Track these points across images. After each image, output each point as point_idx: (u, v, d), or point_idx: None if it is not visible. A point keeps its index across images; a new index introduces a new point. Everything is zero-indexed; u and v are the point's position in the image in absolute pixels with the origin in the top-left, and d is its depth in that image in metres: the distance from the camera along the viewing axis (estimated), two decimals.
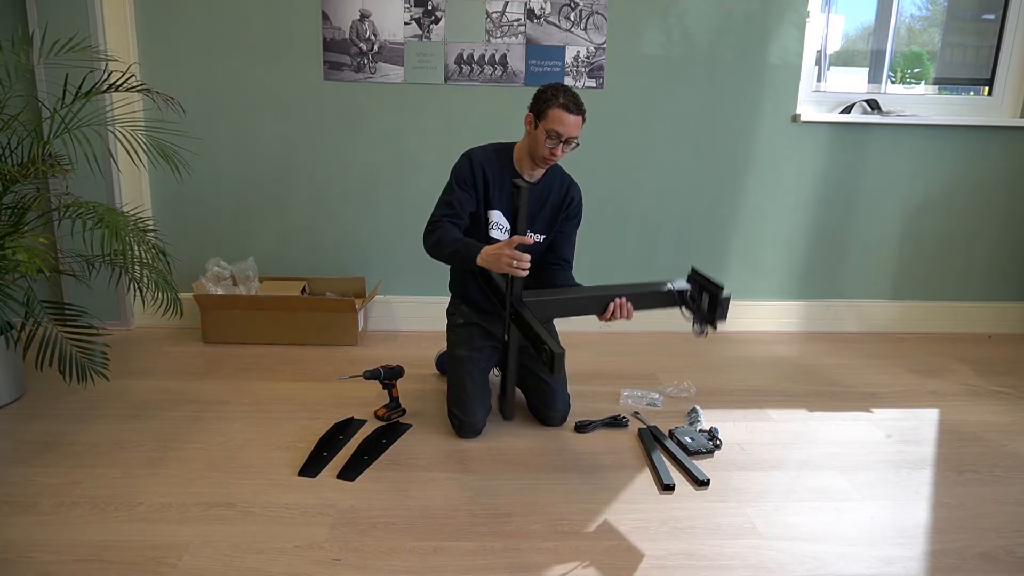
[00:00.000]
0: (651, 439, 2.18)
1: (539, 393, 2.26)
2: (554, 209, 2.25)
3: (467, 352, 2.26)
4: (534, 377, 2.26)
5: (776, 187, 3.19)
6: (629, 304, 1.96)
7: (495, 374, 2.54)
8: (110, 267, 2.49)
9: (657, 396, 2.47)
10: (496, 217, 2.21)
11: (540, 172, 2.20)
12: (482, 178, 2.17)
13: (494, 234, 2.21)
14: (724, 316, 1.95)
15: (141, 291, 2.44)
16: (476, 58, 2.97)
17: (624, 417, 2.31)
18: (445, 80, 2.99)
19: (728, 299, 1.94)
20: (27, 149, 2.28)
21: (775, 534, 1.73)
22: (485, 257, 1.93)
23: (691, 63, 3.03)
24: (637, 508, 1.83)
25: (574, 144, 2.08)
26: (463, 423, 2.16)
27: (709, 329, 2.00)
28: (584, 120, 2.07)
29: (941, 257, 3.33)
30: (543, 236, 2.26)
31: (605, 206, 3.17)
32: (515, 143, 2.22)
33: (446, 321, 2.41)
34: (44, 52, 2.49)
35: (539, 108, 2.06)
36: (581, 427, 2.25)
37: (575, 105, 2.03)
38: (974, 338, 3.31)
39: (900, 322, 3.38)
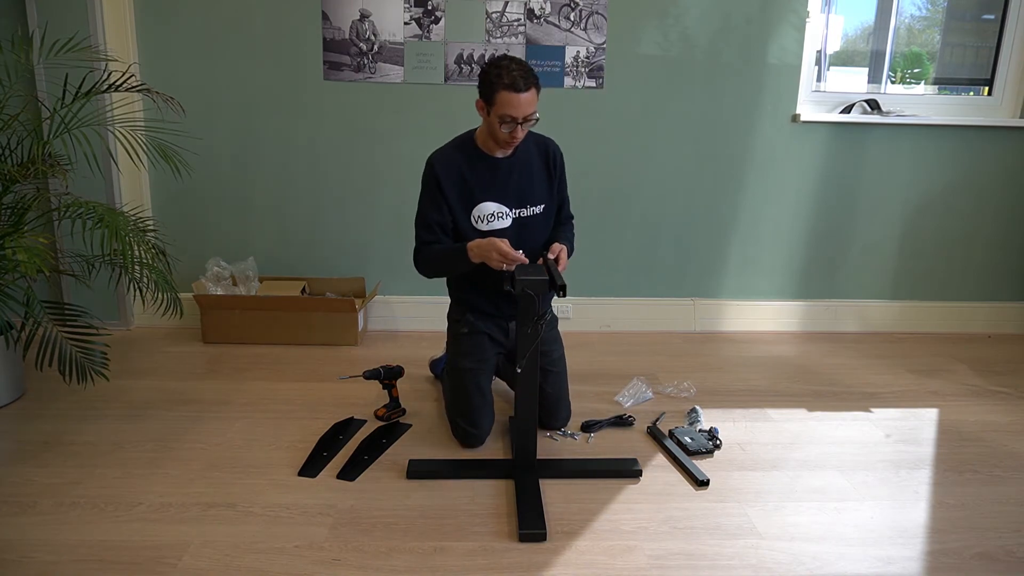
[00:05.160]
0: (662, 434, 2.21)
1: (542, 402, 2.18)
2: (543, 172, 2.14)
3: (473, 364, 2.17)
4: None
5: (776, 187, 3.19)
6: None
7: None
8: (110, 267, 2.49)
9: (645, 388, 2.50)
10: (491, 208, 2.09)
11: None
12: (455, 184, 2.05)
13: (497, 224, 2.10)
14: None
15: (141, 291, 2.44)
16: (476, 58, 2.97)
17: (630, 416, 2.31)
18: (445, 80, 2.99)
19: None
20: (27, 149, 2.28)
21: (775, 534, 1.74)
22: (474, 249, 1.94)
23: (691, 63, 3.03)
24: (637, 508, 1.83)
25: (533, 120, 1.92)
26: (469, 434, 2.12)
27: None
28: (538, 91, 1.89)
29: (941, 257, 3.33)
30: (543, 205, 2.15)
31: (605, 206, 3.16)
32: (475, 129, 2.10)
33: (447, 326, 2.31)
34: (44, 52, 2.49)
35: (485, 93, 1.88)
36: (587, 427, 2.25)
37: (523, 80, 1.83)
38: (974, 338, 3.31)
39: (900, 322, 3.38)
